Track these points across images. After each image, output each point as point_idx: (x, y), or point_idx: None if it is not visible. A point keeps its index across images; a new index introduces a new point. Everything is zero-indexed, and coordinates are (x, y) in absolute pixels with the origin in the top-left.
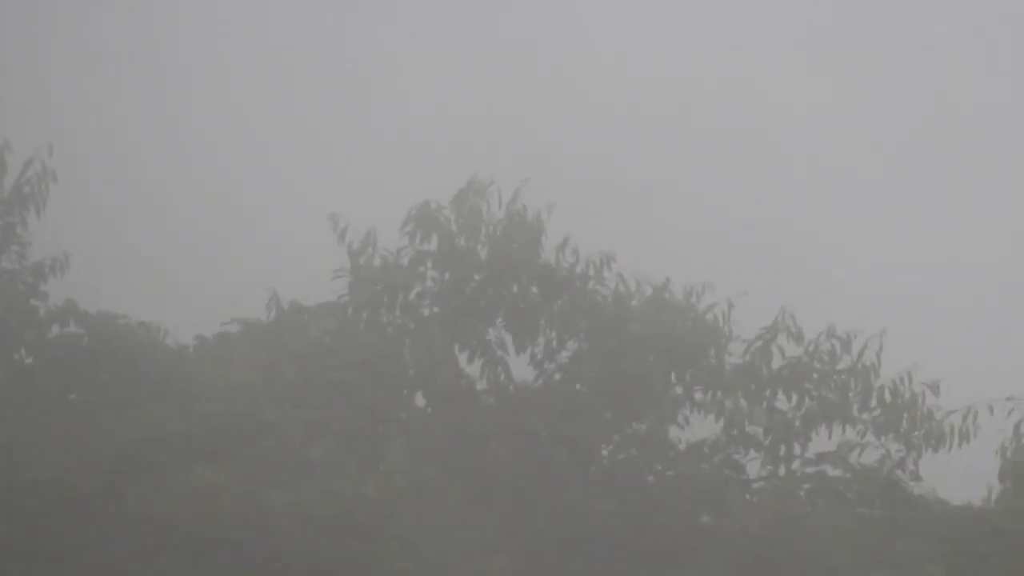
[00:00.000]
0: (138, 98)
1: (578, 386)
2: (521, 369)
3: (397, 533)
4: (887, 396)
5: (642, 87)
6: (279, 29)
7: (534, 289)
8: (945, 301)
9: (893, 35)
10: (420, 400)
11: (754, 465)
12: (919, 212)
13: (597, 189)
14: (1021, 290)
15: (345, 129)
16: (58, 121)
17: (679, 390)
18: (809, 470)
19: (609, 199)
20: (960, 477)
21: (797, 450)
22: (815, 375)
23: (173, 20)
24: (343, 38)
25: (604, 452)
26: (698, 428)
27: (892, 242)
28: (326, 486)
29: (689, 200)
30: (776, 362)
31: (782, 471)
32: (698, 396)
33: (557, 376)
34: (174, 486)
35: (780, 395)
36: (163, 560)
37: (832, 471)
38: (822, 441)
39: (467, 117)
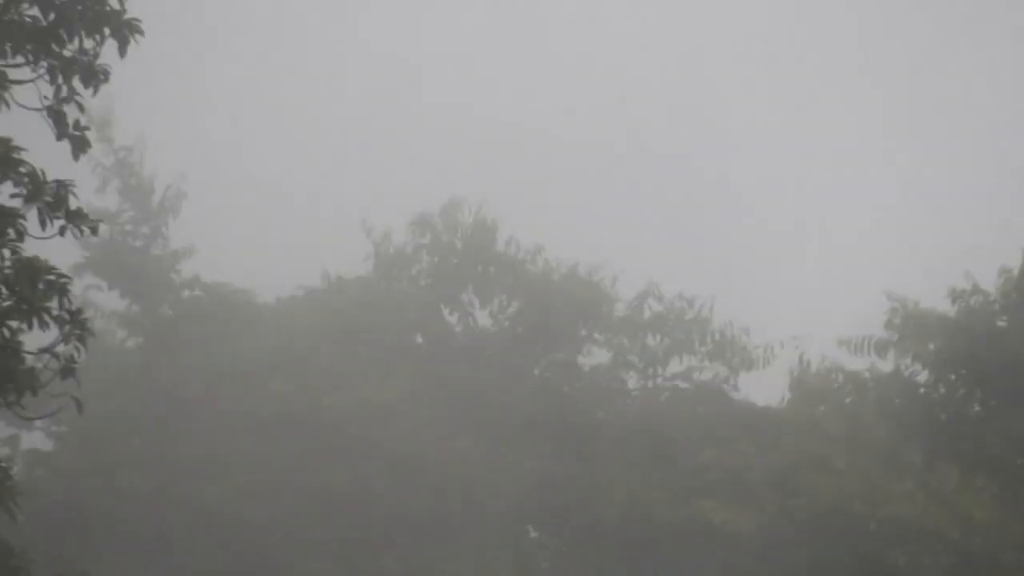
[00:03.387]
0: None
1: (519, 330)
2: (483, 320)
3: (398, 423)
4: (717, 336)
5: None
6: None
7: (491, 268)
8: None
9: None
10: (418, 339)
11: (633, 380)
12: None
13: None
14: None
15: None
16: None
17: (584, 332)
18: (667, 384)
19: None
20: (768, 389)
21: (660, 371)
22: (671, 323)
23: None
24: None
25: (535, 372)
26: (596, 357)
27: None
28: (355, 393)
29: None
30: (647, 315)
31: (650, 384)
32: (596, 337)
33: (506, 324)
34: (257, 392)
35: (649, 336)
36: (246, 442)
37: (682, 385)
38: (675, 366)
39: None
